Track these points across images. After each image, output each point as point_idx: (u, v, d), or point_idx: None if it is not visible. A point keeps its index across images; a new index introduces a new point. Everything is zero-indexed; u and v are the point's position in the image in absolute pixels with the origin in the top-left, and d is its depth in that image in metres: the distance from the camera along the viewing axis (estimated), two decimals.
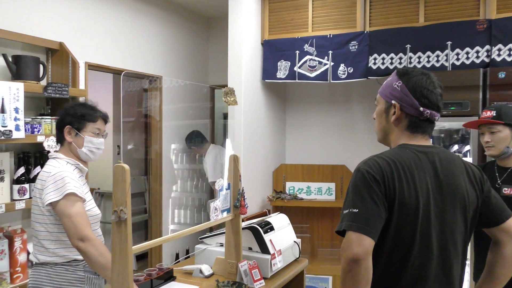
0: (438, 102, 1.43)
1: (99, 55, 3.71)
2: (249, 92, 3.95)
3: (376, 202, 1.31)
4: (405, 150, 1.41)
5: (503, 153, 2.24)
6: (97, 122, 2.08)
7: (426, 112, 1.41)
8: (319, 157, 4.51)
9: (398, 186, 1.33)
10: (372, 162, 1.37)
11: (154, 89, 4.38)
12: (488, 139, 2.27)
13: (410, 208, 1.33)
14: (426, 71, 1.47)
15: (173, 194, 4.72)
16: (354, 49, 3.76)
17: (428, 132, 1.47)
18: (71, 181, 1.89)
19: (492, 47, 3.33)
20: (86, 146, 2.04)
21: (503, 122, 2.22)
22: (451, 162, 1.43)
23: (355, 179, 1.36)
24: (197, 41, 5.09)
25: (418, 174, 1.36)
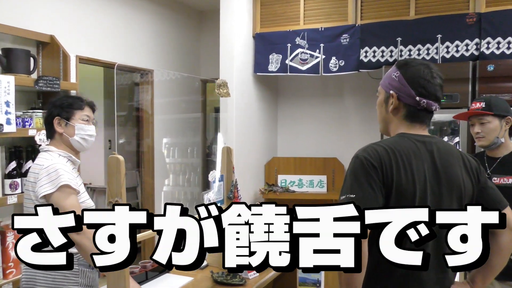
0: (436, 92, 1.43)
1: (90, 49, 3.68)
2: (241, 85, 3.96)
3: (373, 188, 1.33)
4: (404, 139, 1.43)
5: (493, 144, 2.28)
6: (85, 109, 2.09)
7: (422, 101, 1.42)
8: (311, 150, 4.54)
9: (396, 173, 1.34)
10: (371, 149, 1.39)
11: (145, 82, 4.37)
12: (478, 130, 2.30)
13: (407, 195, 1.35)
14: (427, 62, 1.49)
15: (166, 188, 4.72)
16: (346, 42, 3.78)
17: (426, 122, 1.48)
18: (64, 173, 1.88)
19: (481, 40, 3.37)
20: (78, 134, 2.03)
21: (492, 113, 2.25)
22: (448, 152, 1.45)
23: (354, 165, 1.38)
24: (189, 35, 5.08)
25: (415, 162, 1.38)
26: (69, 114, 2.03)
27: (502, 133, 2.28)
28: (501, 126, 2.27)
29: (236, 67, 3.88)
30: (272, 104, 4.66)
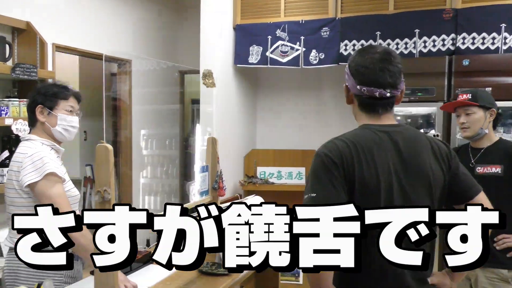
0: (379, 78, 1.38)
1: (67, 37, 3.59)
2: (221, 77, 3.93)
3: (334, 186, 1.30)
4: (366, 130, 1.40)
5: (477, 134, 2.36)
6: (70, 99, 2.04)
7: (363, 89, 1.39)
8: (290, 142, 4.56)
9: (358, 167, 1.32)
10: (331, 145, 1.37)
11: (123, 73, 4.29)
12: (463, 120, 2.38)
13: (371, 189, 1.33)
14: (375, 47, 1.45)
15: (144, 180, 4.67)
16: (326, 35, 3.82)
17: (378, 110, 1.43)
18: (50, 160, 1.84)
19: (457, 35, 3.46)
20: (60, 124, 1.98)
21: (478, 104, 2.34)
22: (415, 140, 1.42)
23: (314, 163, 1.36)
24: (168, 25, 5.01)
25: (378, 154, 1.35)
26: (53, 103, 1.98)
27: (486, 124, 2.36)
28: (485, 117, 2.35)
29: (217, 59, 3.86)
30: (252, 96, 4.66)
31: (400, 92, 1.45)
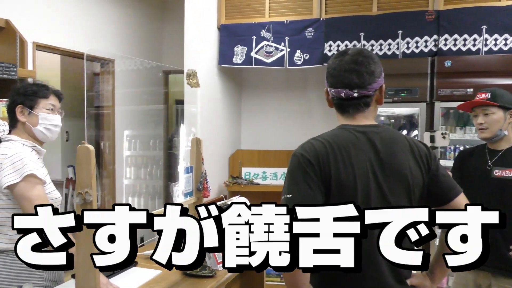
0: (344, 79, 1.39)
1: (48, 36, 3.52)
2: (205, 77, 3.91)
3: (310, 186, 1.31)
4: (343, 131, 1.41)
5: (496, 136, 2.23)
6: (50, 98, 1.99)
7: (331, 91, 1.42)
8: (275, 143, 4.56)
9: (334, 167, 1.33)
10: (308, 145, 1.37)
11: (106, 72, 4.23)
12: (481, 120, 2.24)
13: (348, 189, 1.33)
14: (350, 50, 1.45)
15: (127, 181, 4.61)
16: (310, 36, 3.83)
17: (349, 110, 1.44)
18: (30, 162, 1.80)
19: (439, 37, 3.51)
20: (41, 124, 1.94)
21: (497, 104, 2.21)
22: (393, 141, 1.41)
23: (290, 164, 1.37)
24: (152, 24, 4.96)
25: (355, 154, 1.35)
26: (33, 102, 1.93)
27: (506, 125, 2.23)
28: (505, 118, 2.22)
29: (201, 59, 3.83)
30: (236, 96, 4.64)
31: (378, 91, 1.45)
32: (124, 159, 4.57)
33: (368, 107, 1.44)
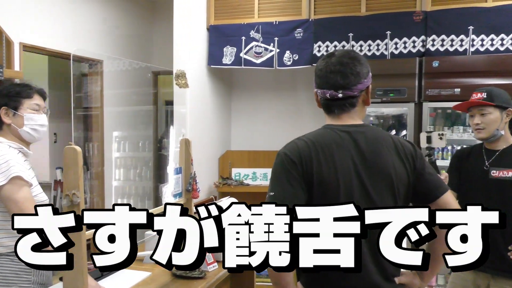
0: (329, 80, 1.42)
1: (35, 36, 3.49)
2: (195, 78, 3.90)
3: (292, 184, 1.33)
4: (327, 130, 1.43)
5: (493, 136, 2.20)
6: (34, 97, 1.97)
7: (318, 91, 1.45)
8: (265, 144, 4.56)
9: (316, 166, 1.34)
10: (291, 145, 1.40)
11: (94, 73, 4.20)
12: (478, 121, 2.21)
13: (330, 188, 1.35)
14: (337, 51, 1.48)
15: (116, 182, 4.58)
16: (300, 36, 3.84)
17: (334, 110, 1.46)
18: (16, 164, 1.78)
19: (427, 37, 3.54)
20: (27, 125, 1.92)
21: (494, 104, 2.17)
22: (377, 140, 1.43)
23: (274, 163, 1.40)
24: (141, 25, 4.94)
25: (338, 153, 1.37)
26: (17, 103, 1.91)
27: (502, 125, 2.20)
28: (501, 118, 2.19)
29: (190, 59, 3.82)
30: (226, 97, 4.64)
31: (365, 92, 1.46)
32: (113, 160, 4.54)
33: (353, 108, 1.45)
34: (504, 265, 2.16)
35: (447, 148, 3.49)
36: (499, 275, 2.18)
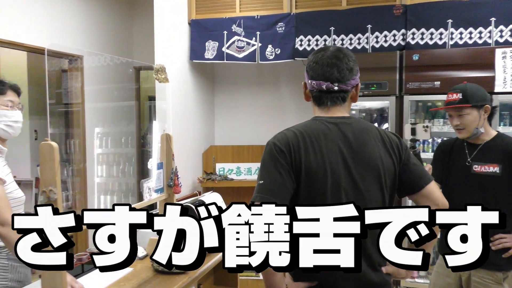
0: (326, 72, 1.45)
1: (12, 32, 3.42)
2: (176, 73, 3.88)
3: (280, 173, 1.36)
4: (316, 122, 1.47)
5: (473, 135, 2.22)
6: (7, 94, 1.95)
7: (312, 83, 1.47)
8: (249, 138, 4.57)
9: (305, 156, 1.38)
10: (280, 135, 1.43)
11: (74, 69, 4.14)
12: (457, 122, 2.23)
13: (318, 177, 1.38)
14: (331, 47, 1.51)
15: (99, 179, 4.53)
16: (281, 31, 3.84)
17: (326, 103, 1.48)
18: None
19: (407, 31, 3.57)
20: (1, 121, 1.90)
21: (470, 105, 2.17)
22: (364, 132, 1.46)
23: (264, 153, 1.42)
24: (121, 19, 4.87)
25: (326, 144, 1.40)
26: None
27: (482, 122, 2.21)
28: (479, 116, 2.19)
29: (172, 54, 3.80)
30: (209, 92, 4.62)
31: (354, 89, 1.51)
32: (95, 157, 4.49)
33: (344, 102, 1.49)
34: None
35: (428, 141, 3.54)
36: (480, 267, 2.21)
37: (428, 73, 3.41)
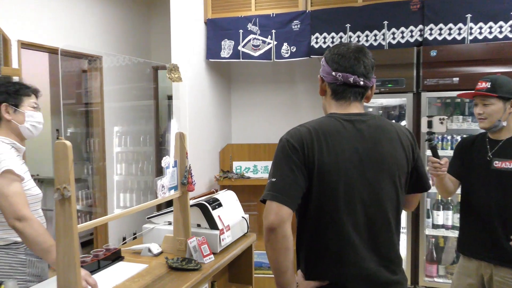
0: (353, 66, 1.43)
1: (33, 33, 3.51)
2: (193, 72, 3.92)
3: (293, 170, 1.34)
4: (330, 119, 1.44)
5: (494, 126, 2.20)
6: (32, 96, 2.04)
7: (338, 75, 1.44)
8: (265, 136, 4.58)
9: (318, 153, 1.36)
10: (294, 131, 1.41)
11: (94, 69, 4.22)
12: (480, 111, 2.22)
13: (330, 175, 1.36)
14: (350, 43, 1.51)
15: (118, 177, 4.62)
16: (297, 28, 3.83)
17: (350, 97, 1.47)
18: (6, 158, 1.81)
19: (424, 26, 3.51)
20: (28, 121, 1.98)
21: (496, 95, 2.16)
22: (380, 129, 1.45)
23: (277, 149, 1.41)
24: (138, 20, 4.95)
25: (340, 141, 1.38)
26: (17, 100, 1.97)
27: (506, 116, 2.18)
28: (504, 108, 2.17)
29: (188, 54, 3.83)
30: (226, 90, 4.64)
31: (371, 88, 1.51)
32: (115, 155, 4.58)
33: (362, 99, 1.50)
34: (506, 256, 2.17)
35: (447, 138, 3.48)
36: (501, 265, 2.19)
37: (446, 69, 3.35)
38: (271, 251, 1.32)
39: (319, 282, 1.42)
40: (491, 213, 2.19)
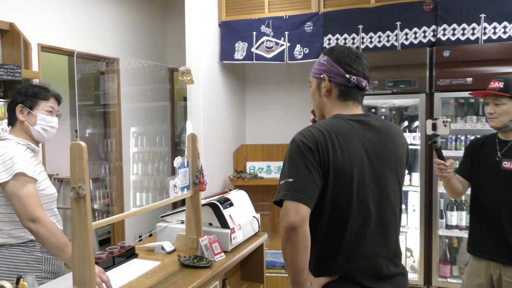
0: (364, 70, 1.50)
1: (53, 37, 3.62)
2: (207, 73, 3.98)
3: (310, 171, 1.35)
4: (339, 120, 1.46)
5: (505, 126, 2.20)
6: (50, 100, 2.07)
7: (352, 78, 1.47)
8: (279, 137, 4.61)
9: (332, 154, 1.37)
10: (307, 132, 1.41)
11: (111, 71, 4.32)
12: (491, 110, 2.22)
13: (345, 174, 1.38)
14: (349, 46, 1.56)
15: (134, 177, 4.72)
16: (310, 30, 3.85)
17: (358, 99, 1.53)
18: (19, 160, 1.87)
19: (437, 27, 3.50)
20: (39, 124, 2.01)
21: (509, 95, 2.16)
22: (384, 129, 1.51)
23: (290, 149, 1.41)
24: (154, 23, 5.04)
25: (351, 141, 1.42)
26: (33, 103, 2.01)
27: None
28: None
29: (202, 56, 3.89)
30: (240, 92, 4.70)
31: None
32: (131, 155, 4.67)
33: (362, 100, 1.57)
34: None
35: (460, 138, 3.46)
36: (510, 265, 2.20)
37: (459, 69, 3.34)
38: (291, 250, 1.33)
39: (329, 277, 1.45)
40: (500, 214, 2.20)
